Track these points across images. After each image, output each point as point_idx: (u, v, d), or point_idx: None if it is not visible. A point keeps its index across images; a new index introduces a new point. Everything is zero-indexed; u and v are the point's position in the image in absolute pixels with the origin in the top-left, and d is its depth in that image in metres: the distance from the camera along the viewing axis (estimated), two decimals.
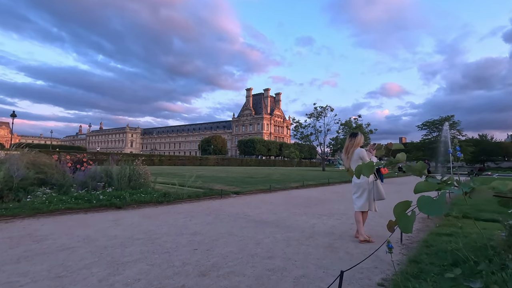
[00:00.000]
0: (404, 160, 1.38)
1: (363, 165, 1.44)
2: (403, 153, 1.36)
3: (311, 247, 3.69)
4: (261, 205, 7.20)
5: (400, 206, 1.09)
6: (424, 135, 60.62)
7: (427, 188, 1.10)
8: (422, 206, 0.98)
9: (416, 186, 1.12)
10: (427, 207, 0.97)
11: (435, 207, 0.95)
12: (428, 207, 0.96)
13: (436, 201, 0.97)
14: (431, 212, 0.95)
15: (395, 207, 1.12)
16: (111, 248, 3.42)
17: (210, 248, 3.54)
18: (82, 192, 6.44)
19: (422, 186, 1.10)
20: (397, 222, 1.04)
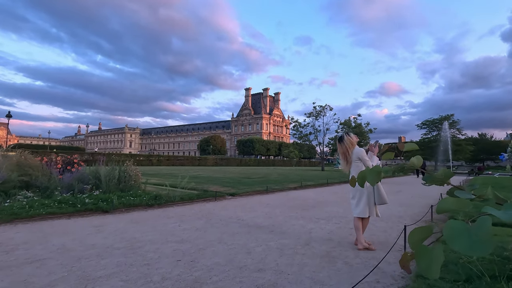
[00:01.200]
0: (420, 165, 1.06)
1: (368, 171, 1.13)
2: (419, 156, 1.05)
3: (306, 257, 3.37)
4: (257, 207, 6.88)
5: (418, 233, 0.78)
6: (424, 134, 60.33)
7: (457, 207, 0.78)
8: (453, 238, 0.66)
9: (440, 204, 0.80)
10: (462, 240, 0.65)
11: (476, 242, 0.63)
12: (464, 241, 0.65)
13: (476, 232, 0.65)
14: (470, 250, 0.63)
15: (410, 235, 0.80)
16: (85, 260, 3.09)
17: (196, 258, 3.22)
18: (67, 196, 6.10)
19: (449, 203, 0.78)
20: (415, 259, 0.72)
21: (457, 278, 2.36)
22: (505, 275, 2.25)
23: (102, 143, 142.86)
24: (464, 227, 0.69)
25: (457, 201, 0.78)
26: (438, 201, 0.83)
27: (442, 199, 0.82)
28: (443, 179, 0.94)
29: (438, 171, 0.96)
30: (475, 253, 0.63)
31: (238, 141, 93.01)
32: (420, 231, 0.78)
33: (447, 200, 0.80)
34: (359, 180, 1.20)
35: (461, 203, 0.78)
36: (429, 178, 0.97)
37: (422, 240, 0.78)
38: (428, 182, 0.98)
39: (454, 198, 0.79)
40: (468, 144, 53.48)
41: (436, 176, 0.95)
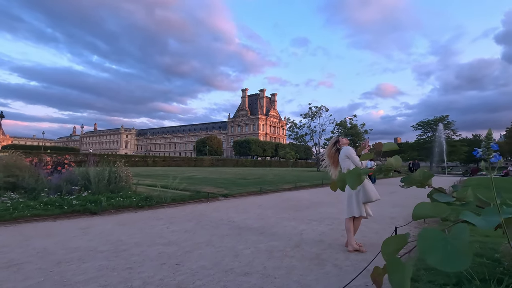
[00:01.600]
0: (400, 166, 0.99)
1: (347, 174, 1.06)
2: (397, 156, 0.97)
3: (295, 259, 3.29)
4: (249, 209, 6.79)
5: (392, 243, 0.70)
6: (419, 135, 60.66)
7: (434, 213, 0.71)
8: (428, 251, 0.58)
9: (416, 210, 0.73)
10: (437, 253, 0.57)
11: (453, 255, 0.55)
12: (439, 254, 0.56)
13: (453, 243, 0.57)
14: (446, 264, 0.55)
15: (384, 245, 0.72)
16: (65, 263, 2.98)
17: (181, 262, 3.12)
18: (54, 197, 5.96)
19: (425, 209, 0.71)
20: (388, 273, 0.64)
21: (447, 282, 2.29)
22: (495, 278, 2.19)
23: (98, 144, 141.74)
24: (440, 237, 0.61)
25: (434, 206, 0.71)
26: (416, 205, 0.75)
27: (418, 204, 0.74)
28: (422, 181, 0.87)
29: (416, 172, 0.88)
30: (451, 268, 0.55)
31: (235, 142, 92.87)
32: (394, 241, 0.70)
33: (423, 205, 0.73)
34: (339, 183, 1.13)
35: (438, 208, 0.70)
36: (407, 180, 0.89)
37: (396, 251, 0.70)
38: (406, 184, 0.90)
39: (431, 203, 0.72)
40: (463, 145, 53.86)
41: (414, 177, 0.87)
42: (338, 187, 1.14)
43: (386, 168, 0.97)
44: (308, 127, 35.39)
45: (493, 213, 0.65)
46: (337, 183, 1.14)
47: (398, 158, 0.96)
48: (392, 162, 0.95)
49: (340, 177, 1.12)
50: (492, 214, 0.65)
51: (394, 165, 0.96)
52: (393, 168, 0.97)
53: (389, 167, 0.96)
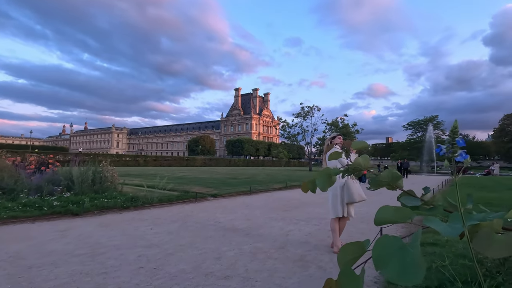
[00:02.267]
0: (369, 166, 0.91)
1: (317, 175, 0.98)
2: (366, 156, 0.89)
3: (279, 262, 3.21)
4: (237, 209, 6.69)
5: (349, 252, 0.61)
6: (410, 135, 61.59)
7: (397, 217, 0.63)
8: (382, 262, 0.50)
9: (379, 213, 0.65)
10: (391, 265, 0.49)
11: (407, 268, 0.47)
12: (393, 266, 0.49)
13: (408, 254, 0.49)
14: (399, 278, 0.47)
15: (340, 254, 0.64)
16: (36, 269, 2.83)
17: (160, 265, 3.01)
18: (33, 198, 5.76)
19: (388, 213, 0.63)
20: (340, 284, 0.56)
21: (429, 284, 2.24)
22: (477, 280, 2.15)
23: (88, 143, 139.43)
24: (397, 245, 0.53)
25: (397, 210, 0.63)
26: (378, 209, 0.67)
27: (380, 208, 0.67)
28: (390, 182, 0.79)
29: (384, 172, 0.81)
30: (404, 282, 0.47)
31: (228, 141, 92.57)
32: (351, 249, 0.62)
33: (385, 209, 0.65)
34: (309, 185, 1.05)
35: (401, 213, 0.62)
36: (374, 182, 0.82)
37: (353, 260, 0.62)
38: (372, 186, 0.82)
39: (394, 207, 0.64)
40: None
41: (382, 178, 0.79)
42: (309, 188, 1.06)
43: (353, 168, 0.89)
44: (300, 127, 35.47)
45: (459, 220, 0.57)
46: (307, 184, 1.05)
47: (367, 158, 0.88)
48: (360, 162, 0.87)
49: (311, 179, 1.04)
50: (458, 221, 0.57)
51: (362, 165, 0.88)
52: (362, 168, 0.89)
53: (356, 166, 0.88)
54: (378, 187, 0.81)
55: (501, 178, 21.51)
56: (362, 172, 0.94)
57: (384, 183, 0.80)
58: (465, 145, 0.63)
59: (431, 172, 39.49)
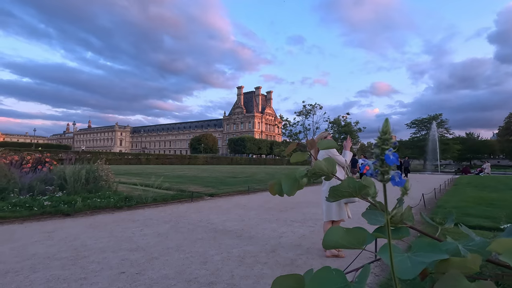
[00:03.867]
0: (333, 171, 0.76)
1: (283, 178, 0.84)
2: (330, 158, 0.74)
3: (267, 267, 3.07)
4: (232, 209, 6.56)
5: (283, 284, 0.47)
6: (413, 133, 60.97)
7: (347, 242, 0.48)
8: None
9: (327, 235, 0.51)
10: None
11: None
12: None
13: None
14: None
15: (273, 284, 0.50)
16: (13, 273, 2.72)
17: (142, 270, 2.89)
18: (24, 198, 5.67)
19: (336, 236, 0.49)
20: None
21: None
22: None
23: (92, 141, 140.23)
24: (338, 284, 0.38)
25: (349, 233, 0.49)
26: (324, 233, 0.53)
27: (329, 229, 0.52)
28: (353, 193, 0.65)
29: (344, 180, 0.66)
30: None
31: (230, 139, 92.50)
32: (285, 284, 0.48)
33: (335, 231, 0.51)
34: (276, 187, 0.91)
35: (353, 237, 0.49)
36: (333, 193, 0.67)
37: None
38: (330, 198, 0.68)
39: (346, 229, 0.50)
40: (456, 143, 54.25)
41: (341, 188, 0.65)
42: (276, 191, 0.92)
43: (313, 173, 0.74)
44: (302, 125, 35.25)
45: (424, 250, 0.43)
46: (274, 187, 0.91)
47: (331, 160, 0.74)
48: (321, 166, 0.73)
49: (276, 180, 0.90)
50: (422, 252, 0.43)
51: (325, 169, 0.74)
52: (324, 173, 0.74)
53: (318, 172, 0.74)
54: (337, 198, 0.67)
55: (504, 177, 21.16)
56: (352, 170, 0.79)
57: (346, 193, 0.65)
58: (397, 161, 0.45)
59: (434, 171, 39.09)
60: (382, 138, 0.45)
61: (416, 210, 6.40)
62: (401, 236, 0.53)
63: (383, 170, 0.46)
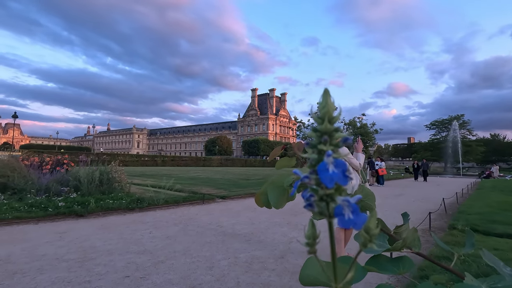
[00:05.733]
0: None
1: (269, 187, 0.73)
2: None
3: (275, 274, 2.95)
4: (243, 212, 6.47)
5: None
6: (433, 134, 58.82)
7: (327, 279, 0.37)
8: None
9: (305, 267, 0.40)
10: None
11: None
12: None
13: None
14: None
15: None
16: (20, 275, 2.74)
17: (147, 274, 2.84)
18: (40, 198, 5.81)
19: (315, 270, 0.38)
20: None
21: None
22: None
23: (111, 144, 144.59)
24: None
25: (329, 267, 0.38)
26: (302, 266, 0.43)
27: (307, 261, 0.42)
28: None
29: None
30: None
31: (244, 141, 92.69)
32: None
33: (312, 264, 0.40)
34: (263, 197, 0.80)
35: (332, 272, 0.37)
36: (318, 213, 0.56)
37: None
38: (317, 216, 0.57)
39: (326, 263, 0.39)
40: (479, 145, 51.78)
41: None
42: (263, 203, 0.81)
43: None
44: None
45: None
46: (260, 197, 0.81)
47: None
48: None
49: (263, 190, 0.79)
50: None
51: None
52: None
53: None
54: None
55: None
56: None
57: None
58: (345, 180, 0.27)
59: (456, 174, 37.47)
60: (319, 130, 0.28)
61: (435, 216, 6.08)
62: (402, 270, 0.41)
63: (322, 195, 0.28)
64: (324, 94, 0.30)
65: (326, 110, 0.29)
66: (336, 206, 0.28)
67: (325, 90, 0.30)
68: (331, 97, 0.30)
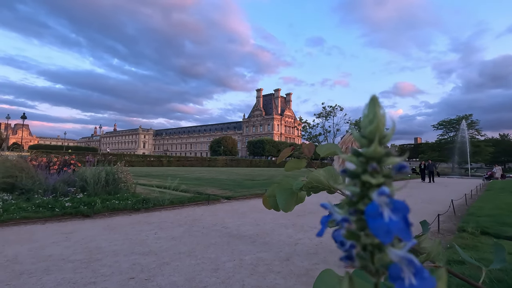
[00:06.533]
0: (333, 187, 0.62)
1: (278, 190, 0.72)
2: (330, 168, 0.61)
3: (281, 276, 2.91)
4: (248, 213, 6.45)
5: None
6: (440, 135, 58.07)
7: None
8: None
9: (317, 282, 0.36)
10: None
11: None
12: None
13: None
14: None
15: None
16: (27, 275, 2.75)
17: (152, 276, 2.83)
18: (47, 199, 5.87)
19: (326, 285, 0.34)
20: None
21: None
22: None
23: (117, 144, 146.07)
24: None
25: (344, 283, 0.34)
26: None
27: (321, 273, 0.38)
28: None
29: None
30: None
31: (249, 142, 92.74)
32: None
33: (328, 277, 0.36)
34: (271, 200, 0.78)
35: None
36: None
37: None
38: None
39: (339, 277, 0.35)
40: (487, 145, 50.95)
41: None
42: (271, 205, 0.79)
43: (309, 186, 0.61)
44: (322, 127, 34.60)
45: None
46: (268, 200, 0.79)
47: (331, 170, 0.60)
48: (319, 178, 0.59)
49: (271, 191, 0.77)
50: None
51: (324, 182, 0.60)
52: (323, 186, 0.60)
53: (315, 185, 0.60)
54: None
55: None
56: None
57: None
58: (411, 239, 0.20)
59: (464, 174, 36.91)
60: (364, 155, 0.21)
61: (444, 218, 5.98)
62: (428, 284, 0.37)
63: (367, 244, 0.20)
64: (372, 104, 0.23)
65: (375, 127, 0.22)
66: (391, 265, 0.19)
67: (373, 98, 0.23)
68: (381, 107, 0.22)
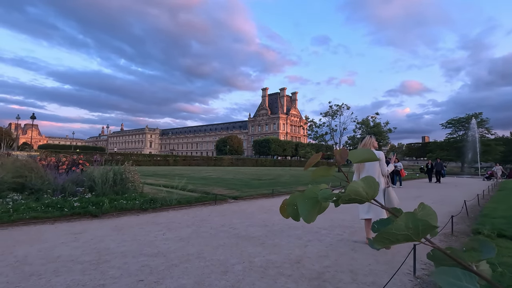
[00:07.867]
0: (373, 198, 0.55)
1: (299, 198, 0.67)
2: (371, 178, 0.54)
3: (292, 280, 2.84)
4: (256, 213, 6.39)
5: None
6: (449, 133, 57.12)
7: None
8: None
9: None
10: None
11: None
12: None
13: None
14: None
15: None
16: (36, 277, 2.74)
17: (161, 278, 2.79)
18: (56, 198, 5.90)
19: None
20: None
21: None
22: None
23: (124, 143, 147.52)
24: None
25: None
26: None
27: None
28: (414, 236, 0.43)
29: (400, 218, 0.45)
30: None
31: (255, 141, 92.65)
32: None
33: None
34: (290, 209, 0.73)
35: None
36: (381, 238, 0.46)
37: None
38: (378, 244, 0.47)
39: None
40: (498, 144, 49.90)
41: (395, 230, 0.43)
42: (289, 214, 0.73)
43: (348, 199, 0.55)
44: (329, 126, 34.32)
45: None
46: (287, 209, 0.73)
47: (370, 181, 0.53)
48: (358, 189, 0.52)
49: (291, 199, 0.72)
50: None
51: (363, 194, 0.53)
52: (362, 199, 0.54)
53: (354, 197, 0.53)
54: (389, 243, 0.45)
55: None
56: None
57: (402, 237, 0.44)
58: None
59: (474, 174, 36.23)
60: None
61: (457, 219, 5.83)
62: None
63: None
64: None
65: None
66: None
67: None
68: None
